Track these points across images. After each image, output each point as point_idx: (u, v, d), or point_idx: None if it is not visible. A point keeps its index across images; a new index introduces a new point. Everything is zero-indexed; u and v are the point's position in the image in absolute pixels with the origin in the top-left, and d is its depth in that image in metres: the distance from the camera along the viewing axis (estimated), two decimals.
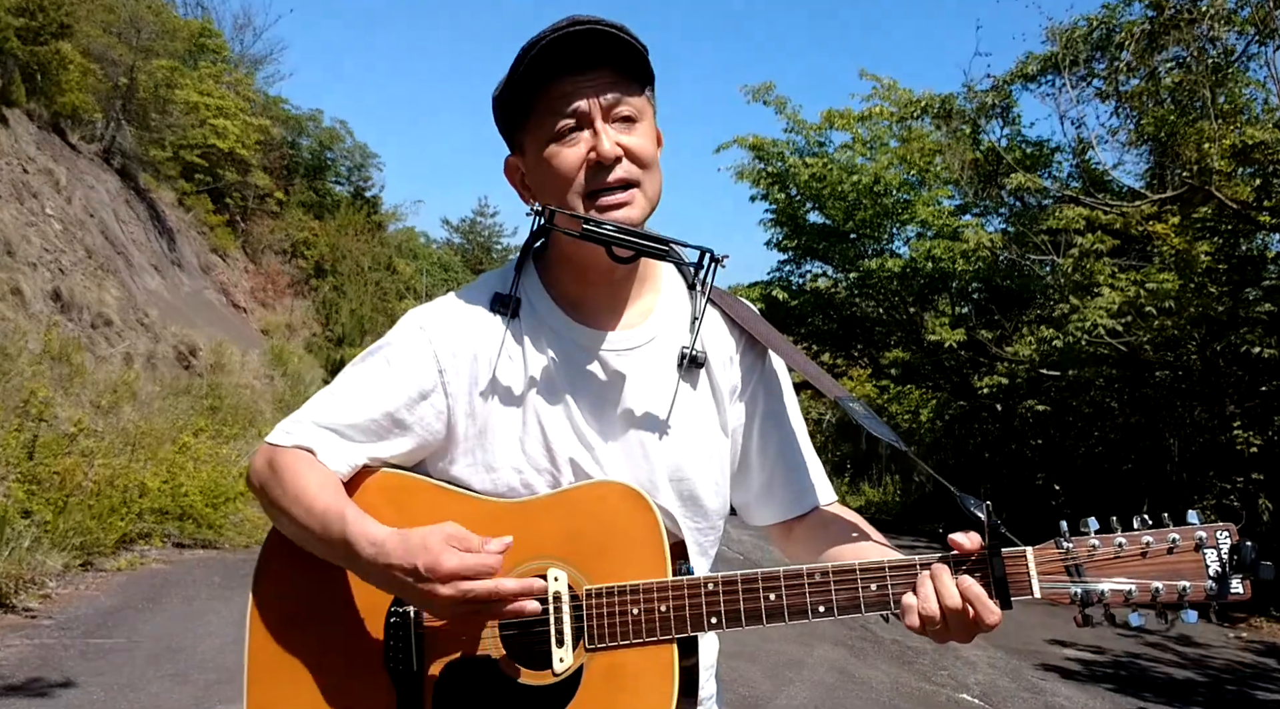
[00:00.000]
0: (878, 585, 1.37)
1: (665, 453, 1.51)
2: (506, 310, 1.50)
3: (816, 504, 1.64)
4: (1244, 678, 7.29)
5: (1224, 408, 12.44)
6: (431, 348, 1.49)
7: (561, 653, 1.39)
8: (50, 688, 4.73)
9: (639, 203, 1.45)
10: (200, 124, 23.07)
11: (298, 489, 1.42)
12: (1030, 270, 14.88)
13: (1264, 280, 11.85)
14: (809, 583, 1.38)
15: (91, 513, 7.43)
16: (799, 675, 6.15)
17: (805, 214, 18.36)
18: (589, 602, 1.40)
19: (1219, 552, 1.30)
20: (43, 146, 16.74)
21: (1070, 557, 1.33)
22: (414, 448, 1.50)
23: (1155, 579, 1.30)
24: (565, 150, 1.43)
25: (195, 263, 23.07)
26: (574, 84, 1.42)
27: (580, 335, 1.51)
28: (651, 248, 1.42)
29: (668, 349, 1.54)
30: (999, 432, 17.89)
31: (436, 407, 1.49)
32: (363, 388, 1.50)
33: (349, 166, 37.73)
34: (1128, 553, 1.32)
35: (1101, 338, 12.61)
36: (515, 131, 1.51)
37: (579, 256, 1.48)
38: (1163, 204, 12.16)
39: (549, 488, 1.48)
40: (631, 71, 1.46)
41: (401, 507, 1.47)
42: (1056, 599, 1.33)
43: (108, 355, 13.60)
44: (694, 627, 1.39)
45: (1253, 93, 12.95)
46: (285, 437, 1.49)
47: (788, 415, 1.66)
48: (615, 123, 1.44)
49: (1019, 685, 6.48)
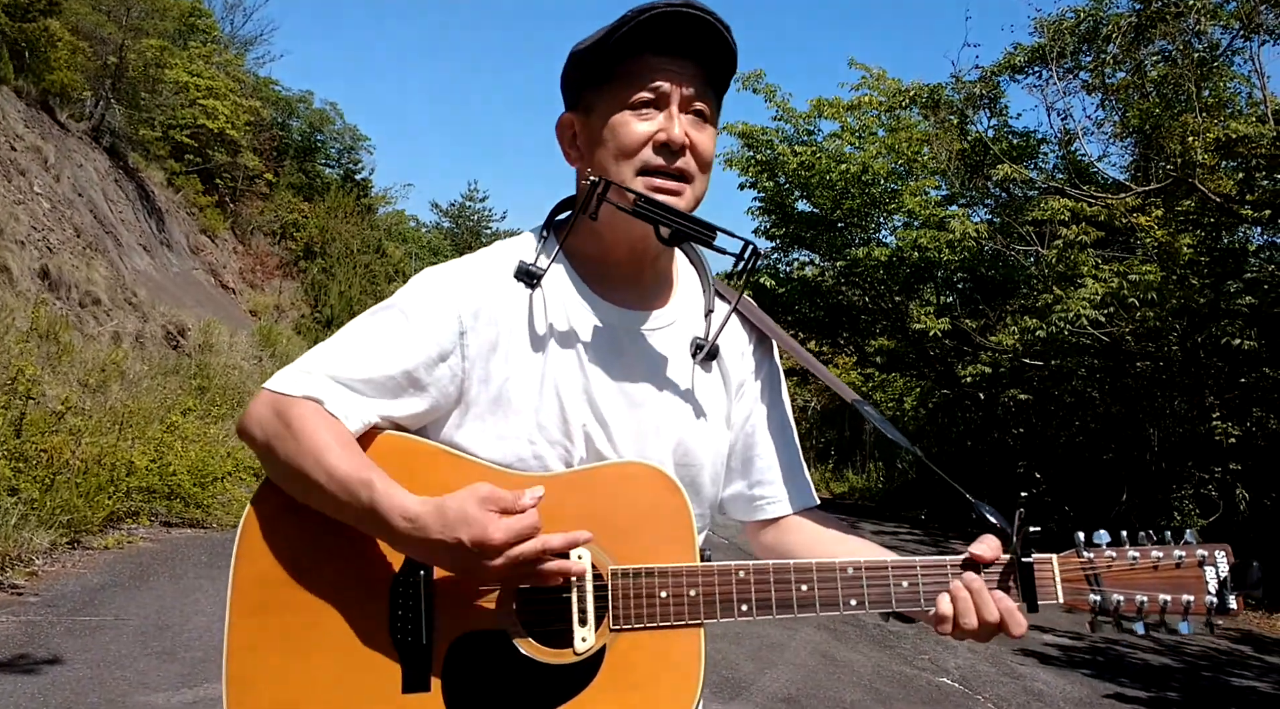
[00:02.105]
0: (909, 583, 1.41)
1: (676, 436, 1.51)
2: (530, 279, 1.45)
3: (812, 504, 1.68)
4: (1220, 665, 7.40)
5: (1204, 399, 12.56)
6: (455, 308, 1.45)
7: (584, 632, 1.37)
8: (37, 664, 4.75)
9: (688, 197, 1.44)
10: (190, 104, 22.95)
11: (317, 448, 1.35)
12: (1015, 261, 14.97)
13: (1245, 273, 11.96)
14: (841, 577, 1.41)
15: (79, 491, 7.43)
16: (781, 658, 6.23)
17: (793, 202, 18.39)
18: (615, 582, 1.39)
19: (1217, 569, 1.41)
20: (31, 124, 16.65)
21: (1091, 566, 1.42)
22: (425, 410, 1.45)
23: (1164, 591, 1.41)
24: (637, 122, 1.41)
25: (184, 243, 22.99)
26: (666, 63, 1.41)
27: (605, 311, 1.50)
28: (700, 233, 1.40)
29: (685, 335, 1.54)
30: (982, 420, 18.02)
31: (454, 369, 1.44)
32: (380, 343, 1.44)
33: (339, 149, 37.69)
34: (1141, 566, 1.42)
35: (1084, 328, 12.72)
36: (586, 89, 1.47)
37: (615, 231, 1.47)
38: (1147, 196, 12.24)
39: (559, 461, 1.45)
40: (715, 78, 1.46)
41: (411, 473, 1.39)
42: (1077, 605, 1.41)
43: (96, 334, 13.58)
44: (724, 613, 1.39)
45: (1237, 87, 13.09)
46: (295, 385, 1.41)
47: (786, 413, 1.69)
48: (689, 115, 1.43)
49: (999, 670, 6.57)
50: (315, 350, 1.47)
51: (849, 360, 22.48)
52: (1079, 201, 12.99)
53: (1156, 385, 13.57)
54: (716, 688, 5.48)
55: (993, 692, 6.06)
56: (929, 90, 14.84)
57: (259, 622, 1.38)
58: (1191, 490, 12.25)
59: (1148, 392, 13.70)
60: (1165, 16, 11.36)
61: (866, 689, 5.84)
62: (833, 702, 5.52)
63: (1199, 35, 11.70)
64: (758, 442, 1.64)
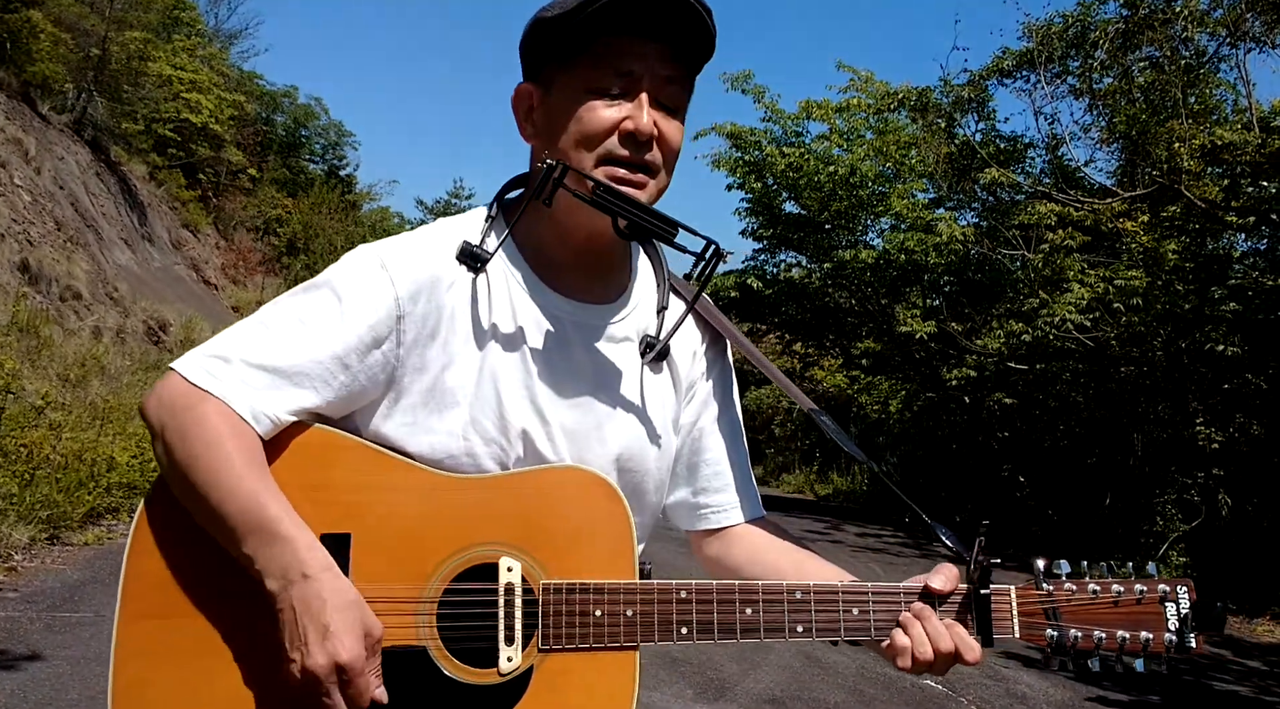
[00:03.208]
0: (859, 610, 1.33)
1: (619, 439, 1.42)
2: (475, 262, 1.35)
3: (760, 515, 1.59)
4: (1201, 669, 7.42)
5: (1187, 404, 12.62)
6: (393, 289, 1.32)
7: (510, 651, 1.26)
8: (16, 660, 4.69)
9: (650, 191, 1.35)
10: (173, 98, 22.81)
11: (215, 461, 1.22)
12: (1001, 264, 15.02)
13: (1230, 280, 12.03)
14: (788, 601, 1.32)
15: (59, 486, 7.36)
16: (766, 659, 6.22)
17: (781, 203, 18.41)
18: (546, 598, 1.28)
19: (1178, 606, 1.37)
20: (12, 116, 16.49)
21: (1049, 600, 1.36)
22: (352, 398, 1.33)
23: (1123, 628, 1.36)
24: (602, 108, 1.31)
25: (166, 238, 22.84)
26: (638, 45, 1.31)
27: (552, 302, 1.40)
28: (662, 228, 1.30)
29: (636, 333, 1.46)
30: (966, 423, 18.07)
31: (387, 356, 1.32)
32: (307, 324, 1.31)
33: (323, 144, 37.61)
34: (1101, 601, 1.37)
35: (1069, 333, 12.78)
36: (547, 62, 1.36)
37: (570, 219, 1.36)
38: (1133, 202, 12.30)
39: (493, 460, 1.34)
40: (691, 63, 1.36)
41: (328, 468, 1.29)
42: (1033, 640, 1.36)
43: (76, 329, 13.47)
44: (661, 636, 1.30)
45: (1223, 94, 13.17)
46: (206, 376, 1.27)
47: (737, 419, 1.60)
48: (658, 104, 1.33)
49: (982, 673, 6.57)
50: (236, 330, 1.33)
51: (835, 362, 22.53)
52: (1066, 206, 13.05)
53: (1141, 390, 13.64)
54: (701, 688, 5.46)
55: (976, 694, 6.06)
56: (917, 93, 14.88)
57: (152, 627, 1.26)
58: (1174, 495, 12.30)
59: (1132, 396, 13.76)
60: (1153, 23, 11.43)
61: (850, 691, 5.83)
62: (817, 703, 5.51)
63: (1186, 42, 11.77)
64: (705, 447, 1.55)
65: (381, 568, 1.27)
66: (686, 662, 5.87)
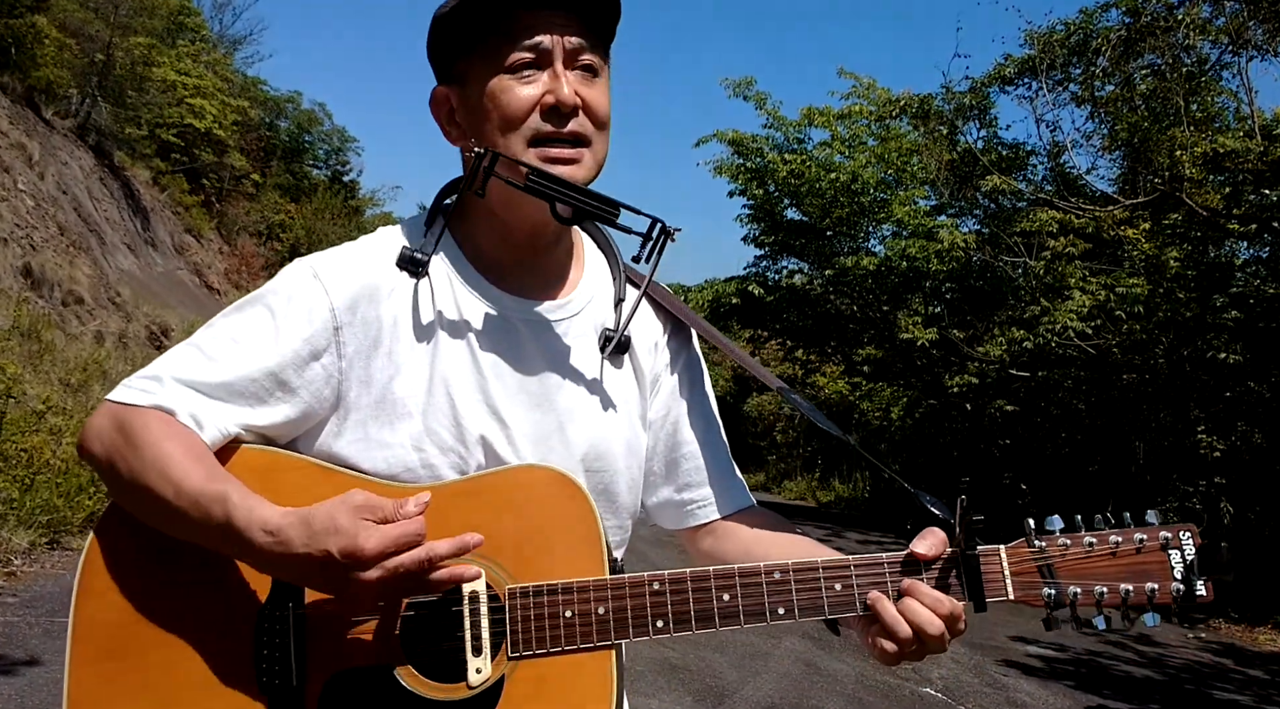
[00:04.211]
0: (842, 585, 1.26)
1: (584, 438, 1.35)
2: (415, 267, 1.29)
3: (748, 504, 1.52)
4: (1202, 677, 7.40)
5: (1189, 412, 12.60)
6: (327, 299, 1.27)
7: (479, 663, 1.20)
8: (15, 665, 4.70)
9: (587, 163, 1.28)
10: (177, 103, 22.90)
11: (162, 461, 1.17)
12: (1003, 272, 15.01)
13: (1231, 287, 12.00)
14: (767, 582, 1.26)
15: (59, 491, 7.37)
16: (765, 667, 6.21)
17: (783, 210, 18.43)
18: (513, 603, 1.22)
19: (1183, 553, 1.27)
20: (16, 121, 16.53)
21: (1043, 556, 1.28)
22: (297, 417, 1.27)
23: (1125, 580, 1.27)
24: (519, 87, 1.25)
25: (169, 243, 22.88)
26: (539, 18, 1.25)
27: (499, 301, 1.34)
28: (601, 210, 1.25)
29: (593, 326, 1.39)
30: (968, 430, 18.04)
31: (328, 369, 1.27)
32: (240, 342, 1.26)
33: (327, 150, 37.69)
34: (1098, 553, 1.28)
35: (1071, 340, 12.76)
36: (456, 59, 1.31)
37: (510, 212, 1.31)
38: (1134, 209, 12.30)
39: (453, 469, 1.28)
40: (598, 27, 1.30)
41: (276, 491, 1.20)
42: (1030, 601, 1.27)
43: (78, 333, 13.48)
44: (637, 631, 1.24)
45: (1225, 102, 13.17)
46: (141, 395, 1.23)
47: (711, 408, 1.53)
48: (576, 71, 1.27)
49: (982, 681, 6.56)
50: (168, 354, 1.29)
51: (836, 369, 22.52)
52: (1067, 213, 13.04)
53: (1142, 398, 13.61)
54: (700, 695, 5.46)
55: (976, 702, 6.05)
56: (919, 100, 14.90)
57: (106, 669, 1.21)
58: (1176, 503, 12.26)
59: (1134, 404, 13.74)
60: (1155, 31, 11.43)
61: (849, 699, 5.82)
62: None
63: (1188, 50, 11.78)
64: (681, 441, 1.49)
65: None
66: (685, 669, 5.86)
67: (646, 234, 1.30)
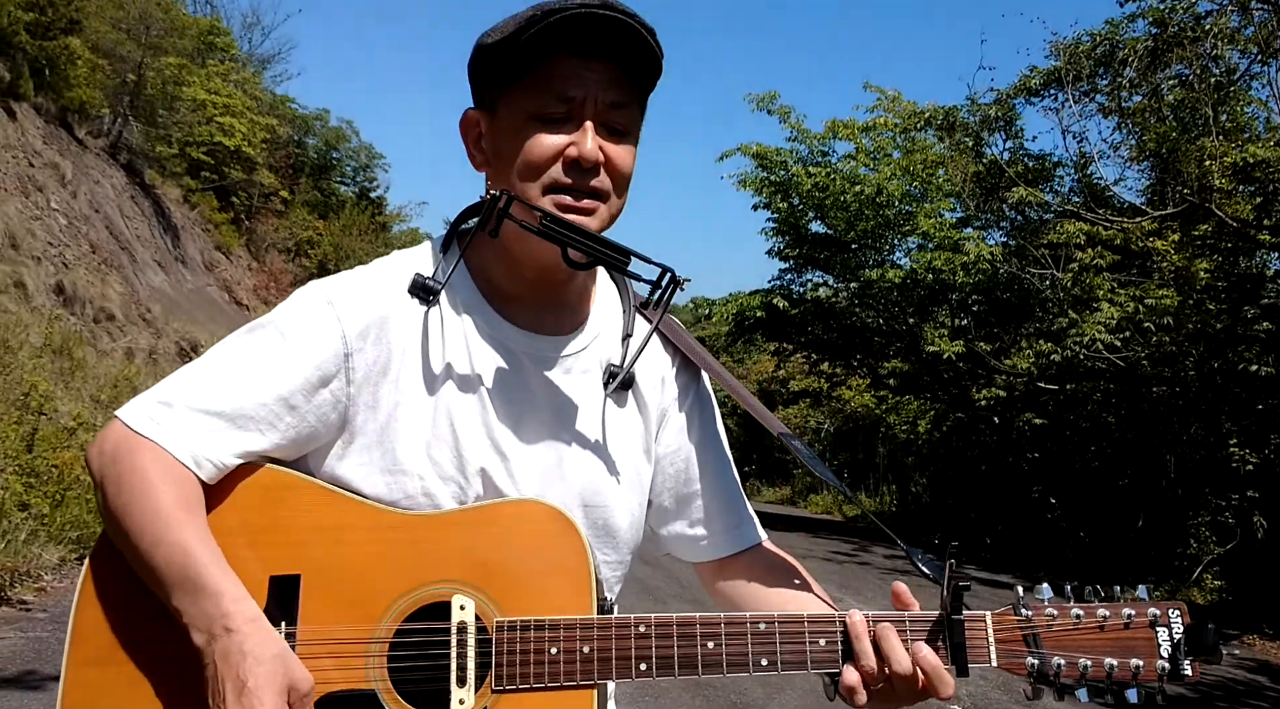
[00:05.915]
0: (827, 641, 1.27)
1: (584, 474, 1.37)
2: (426, 295, 1.29)
3: (757, 541, 1.53)
4: (1236, 695, 7.30)
5: (1221, 425, 12.46)
6: (339, 326, 1.29)
7: (462, 693, 1.21)
8: (44, 681, 4.73)
9: (601, 216, 1.30)
10: (207, 122, 23.18)
11: (151, 505, 1.19)
12: (1030, 284, 14.92)
13: (1263, 299, 11.88)
14: (752, 633, 1.27)
15: (89, 507, 7.42)
16: (791, 682, 6.17)
17: (807, 223, 18.38)
18: (499, 636, 1.23)
19: (1171, 631, 1.29)
20: (49, 141, 16.79)
21: (1029, 625, 1.29)
22: (303, 440, 1.29)
23: (1110, 655, 1.28)
24: (546, 135, 1.26)
25: (199, 260, 23.13)
26: (580, 68, 1.26)
27: (508, 335, 1.36)
28: (613, 257, 1.26)
29: (599, 363, 1.40)
30: (996, 444, 17.91)
31: (336, 394, 1.29)
32: (252, 366, 1.27)
33: (354, 167, 37.98)
34: (1085, 626, 1.29)
35: (1099, 352, 12.65)
36: (493, 88, 1.32)
37: (523, 251, 1.32)
38: (1163, 220, 12.20)
39: (452, 499, 1.30)
40: (640, 81, 1.31)
41: (277, 509, 1.26)
42: (1013, 669, 1.28)
43: (109, 350, 13.64)
44: (620, 672, 1.24)
45: (1254, 111, 13.04)
46: (148, 423, 1.23)
47: (721, 442, 1.54)
48: (605, 128, 1.28)
49: (1010, 698, 6.49)
50: (180, 374, 1.29)
51: (862, 382, 22.41)
52: (1095, 225, 12.95)
53: (1173, 411, 13.48)
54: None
55: None
56: (944, 112, 14.87)
57: (101, 673, 1.23)
58: (1208, 517, 12.13)
59: (1164, 417, 13.60)
60: (1182, 40, 11.36)
61: None
62: None
63: (1216, 59, 11.69)
64: (692, 478, 1.49)
65: (331, 609, 1.24)
66: (710, 684, 5.84)
67: (656, 282, 1.32)
